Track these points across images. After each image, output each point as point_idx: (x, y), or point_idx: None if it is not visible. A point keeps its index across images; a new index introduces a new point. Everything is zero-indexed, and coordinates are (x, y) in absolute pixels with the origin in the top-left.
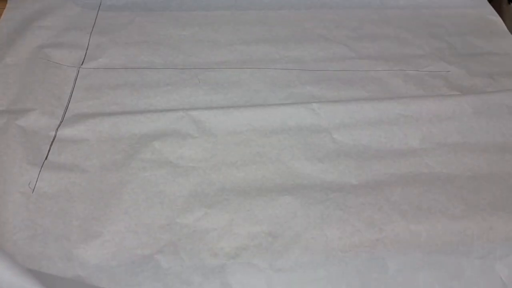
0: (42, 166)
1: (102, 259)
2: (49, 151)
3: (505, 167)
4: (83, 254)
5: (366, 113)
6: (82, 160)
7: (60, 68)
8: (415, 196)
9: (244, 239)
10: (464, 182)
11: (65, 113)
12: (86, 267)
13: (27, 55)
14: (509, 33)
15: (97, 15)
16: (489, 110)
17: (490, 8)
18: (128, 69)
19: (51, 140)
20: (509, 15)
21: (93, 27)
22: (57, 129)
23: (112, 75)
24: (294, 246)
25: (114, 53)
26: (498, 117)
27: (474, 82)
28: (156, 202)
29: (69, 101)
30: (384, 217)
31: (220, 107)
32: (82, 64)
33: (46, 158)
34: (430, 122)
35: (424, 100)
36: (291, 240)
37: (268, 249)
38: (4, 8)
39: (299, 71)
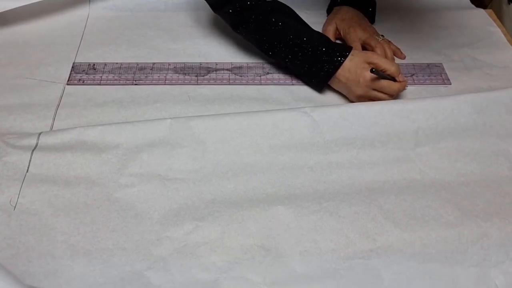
0: (23, 181)
1: (89, 276)
2: (30, 160)
3: (498, 171)
4: (69, 271)
5: (361, 115)
6: (65, 170)
7: (44, 85)
8: (408, 204)
9: (236, 252)
10: (457, 188)
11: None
12: (73, 285)
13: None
14: (509, 44)
15: (84, 29)
16: (487, 108)
17: (489, 20)
18: (116, 85)
19: (32, 149)
20: (509, 16)
21: (80, 41)
22: (38, 137)
23: (99, 91)
24: (287, 260)
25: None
26: (496, 116)
27: None
28: (145, 218)
29: (53, 120)
30: (378, 227)
31: (210, 114)
32: (68, 81)
33: (27, 170)
34: (426, 123)
35: (422, 101)
36: (284, 253)
37: (262, 262)
38: None
39: (294, 87)
